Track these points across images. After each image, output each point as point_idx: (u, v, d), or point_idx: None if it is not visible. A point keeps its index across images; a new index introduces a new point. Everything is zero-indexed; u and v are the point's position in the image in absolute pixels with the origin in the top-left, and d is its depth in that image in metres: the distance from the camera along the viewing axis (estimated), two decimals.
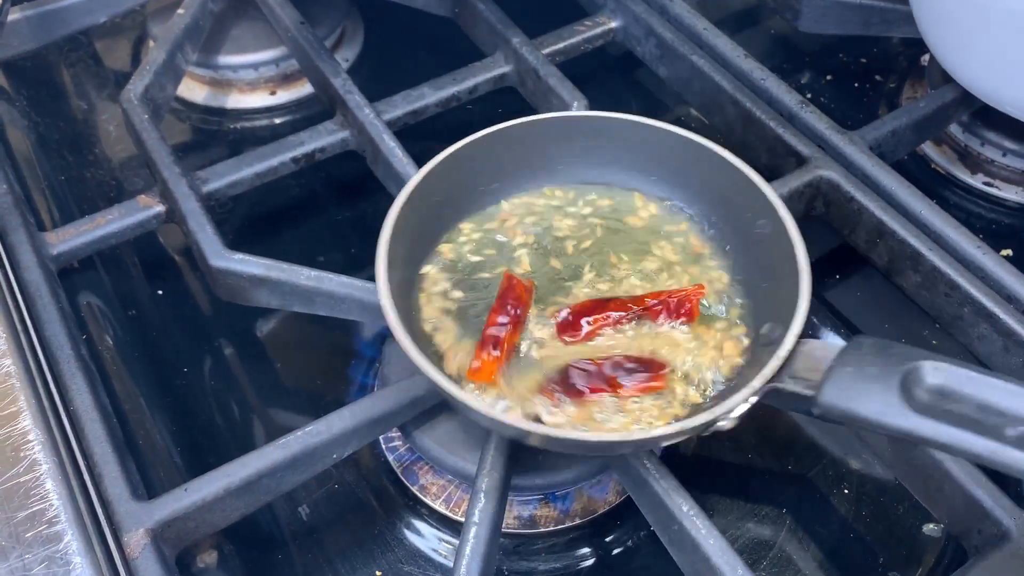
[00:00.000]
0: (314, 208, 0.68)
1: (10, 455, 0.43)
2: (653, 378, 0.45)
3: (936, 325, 0.56)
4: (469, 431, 0.49)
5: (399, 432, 0.52)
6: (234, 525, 0.46)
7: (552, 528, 0.50)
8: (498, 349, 0.45)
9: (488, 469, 0.44)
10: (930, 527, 0.50)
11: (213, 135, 0.74)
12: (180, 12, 0.69)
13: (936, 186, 0.68)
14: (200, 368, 0.58)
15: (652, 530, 0.45)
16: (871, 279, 0.60)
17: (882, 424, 0.37)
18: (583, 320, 0.46)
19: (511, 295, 0.47)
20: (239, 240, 0.61)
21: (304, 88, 0.75)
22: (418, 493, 0.51)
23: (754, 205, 0.48)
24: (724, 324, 0.47)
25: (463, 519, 0.44)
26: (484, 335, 0.45)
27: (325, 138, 0.63)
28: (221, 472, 0.45)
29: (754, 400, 0.41)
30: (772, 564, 0.49)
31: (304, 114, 0.74)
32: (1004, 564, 0.43)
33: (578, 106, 0.61)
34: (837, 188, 0.58)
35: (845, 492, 0.52)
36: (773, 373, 0.41)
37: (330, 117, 0.64)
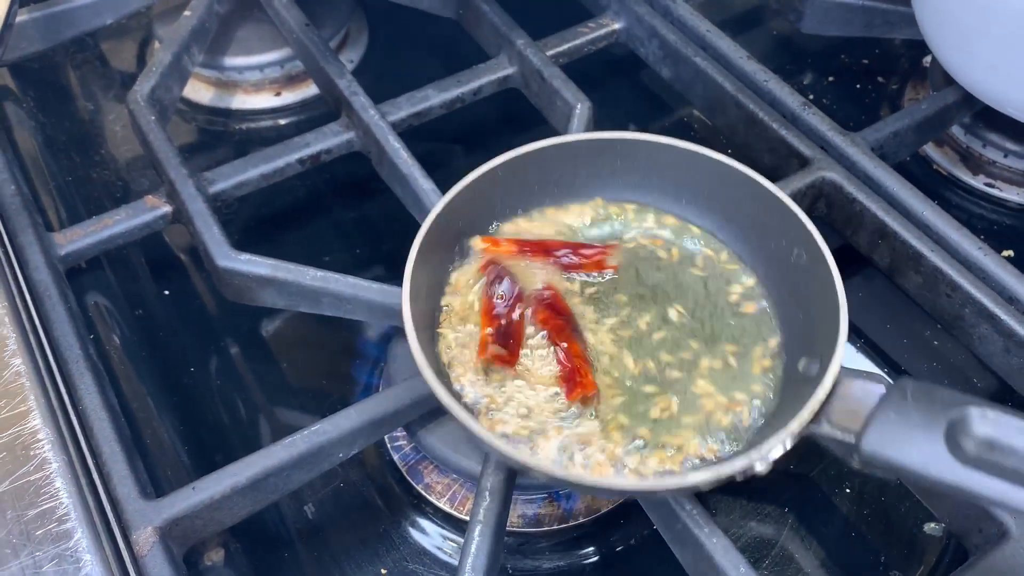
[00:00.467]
0: (320, 209, 0.69)
1: (20, 454, 0.43)
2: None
3: (937, 326, 0.56)
4: None
5: (404, 431, 0.53)
6: (241, 523, 0.46)
7: (556, 527, 0.50)
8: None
9: (493, 468, 0.45)
10: (931, 526, 0.50)
11: (219, 136, 0.74)
12: (186, 14, 0.69)
13: (938, 187, 0.68)
14: (207, 368, 0.59)
15: (655, 529, 0.45)
16: (873, 280, 0.61)
17: (928, 477, 0.35)
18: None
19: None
20: (245, 241, 0.61)
21: (309, 89, 0.75)
22: (423, 492, 0.52)
23: (789, 233, 0.46)
24: (759, 351, 0.46)
25: (468, 518, 0.44)
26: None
27: (330, 139, 0.63)
28: (228, 471, 0.45)
29: (790, 444, 0.39)
30: (774, 563, 0.50)
31: (309, 115, 0.75)
32: (1004, 563, 0.43)
33: (582, 108, 0.62)
34: (839, 189, 0.58)
35: (847, 491, 0.52)
36: (812, 416, 0.38)
37: (335, 118, 0.65)
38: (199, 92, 0.75)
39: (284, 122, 0.75)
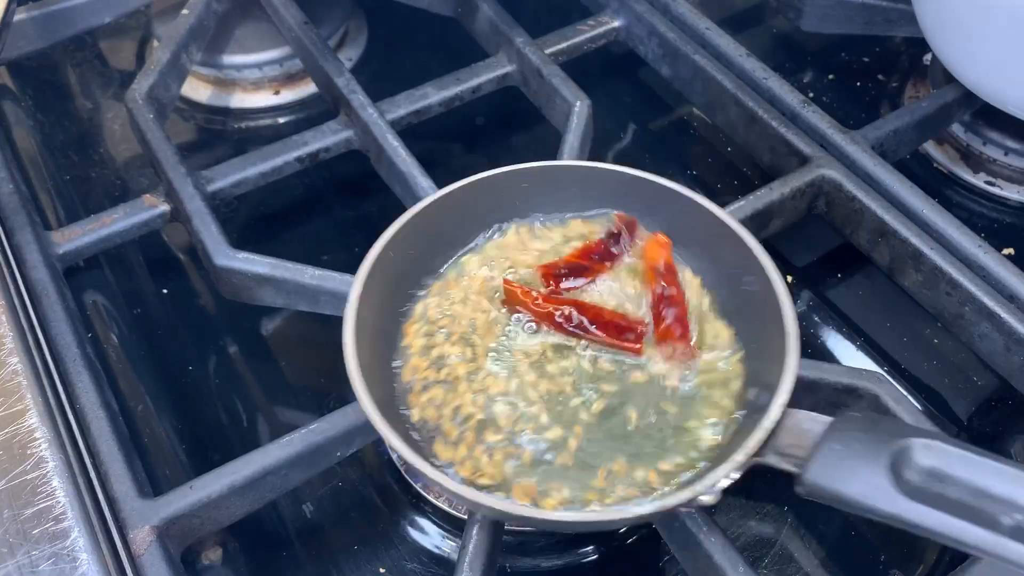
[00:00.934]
0: (318, 207, 0.69)
1: (17, 452, 0.43)
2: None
3: (938, 324, 0.56)
4: None
5: None
6: (239, 522, 0.46)
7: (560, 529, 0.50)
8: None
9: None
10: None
11: (217, 135, 0.74)
12: (184, 12, 0.69)
13: (938, 185, 0.68)
14: (205, 366, 0.59)
15: (654, 528, 0.45)
16: (873, 278, 0.61)
17: (870, 508, 0.35)
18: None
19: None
20: (244, 239, 0.61)
21: (308, 88, 0.75)
22: (421, 491, 0.52)
23: (741, 260, 0.45)
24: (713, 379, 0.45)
25: (466, 516, 0.44)
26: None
27: (329, 138, 0.63)
28: (226, 470, 0.45)
29: (737, 475, 0.39)
30: (773, 562, 0.50)
31: (308, 114, 0.75)
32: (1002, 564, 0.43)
33: (581, 106, 0.61)
34: (839, 187, 0.58)
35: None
36: (757, 447, 0.38)
37: (334, 117, 0.65)
38: (198, 91, 0.75)
39: (283, 121, 0.75)
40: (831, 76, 0.76)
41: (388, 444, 0.40)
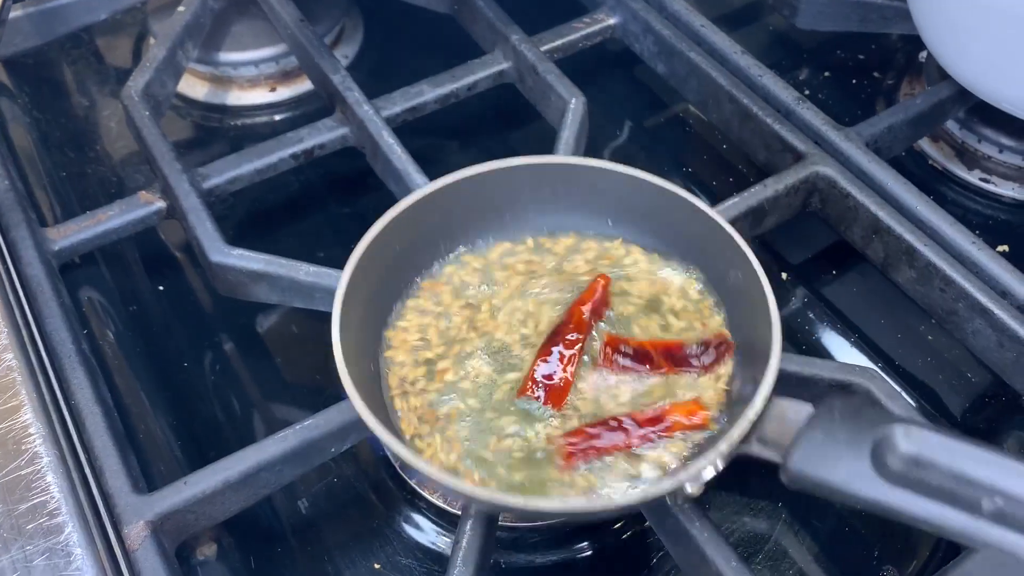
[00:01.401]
0: (314, 204, 0.69)
1: (12, 448, 0.43)
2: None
3: (931, 320, 0.56)
4: None
5: None
6: (233, 518, 0.46)
7: (549, 521, 0.50)
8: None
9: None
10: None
11: (213, 132, 0.74)
12: (181, 9, 0.69)
13: (933, 182, 0.68)
14: (200, 363, 0.59)
15: (648, 524, 0.45)
16: (867, 275, 0.61)
17: (852, 494, 0.36)
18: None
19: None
20: (239, 236, 0.61)
21: (304, 85, 0.75)
22: (416, 487, 0.52)
23: (726, 254, 0.46)
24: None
25: (460, 512, 0.44)
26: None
27: (324, 135, 0.63)
28: (220, 465, 0.45)
29: (722, 465, 0.39)
30: (767, 558, 0.50)
31: (304, 111, 0.75)
32: (997, 557, 0.43)
33: (576, 103, 0.62)
34: (833, 184, 0.58)
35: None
36: (742, 436, 0.39)
37: (329, 114, 0.65)
38: (194, 88, 0.75)
39: (279, 118, 0.75)
40: (826, 73, 0.76)
41: (382, 442, 0.40)
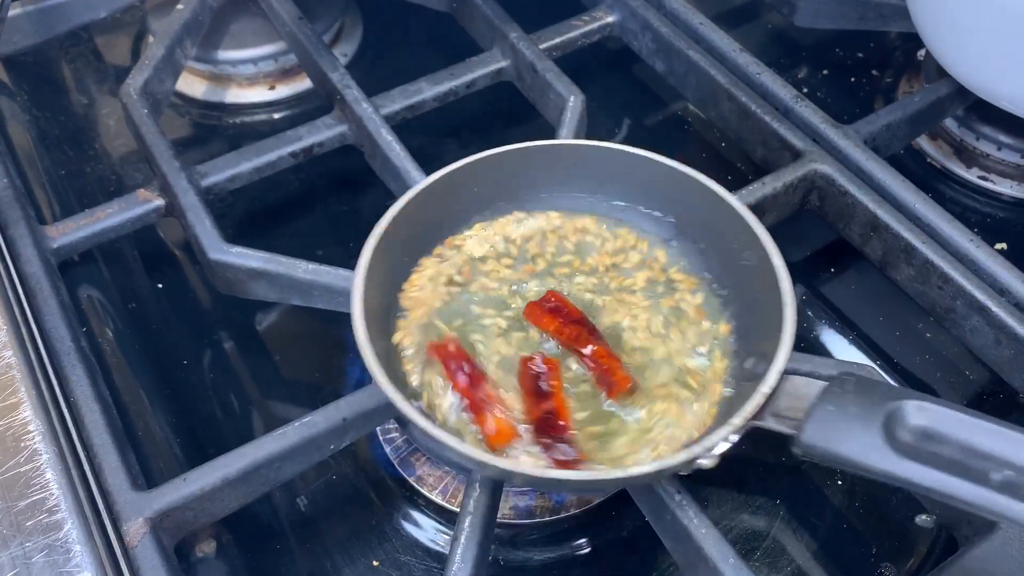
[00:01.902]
0: (312, 202, 0.69)
1: (11, 445, 0.43)
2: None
3: (929, 318, 0.57)
4: None
5: (396, 424, 0.53)
6: (232, 515, 0.46)
7: (547, 518, 0.50)
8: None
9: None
10: (922, 518, 0.50)
11: (212, 130, 0.74)
12: (179, 7, 0.69)
13: (931, 180, 0.68)
14: (199, 360, 0.59)
15: (646, 521, 0.46)
16: (865, 273, 0.61)
17: (864, 465, 0.36)
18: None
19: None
20: (238, 234, 0.61)
21: (303, 83, 0.75)
22: (415, 484, 0.52)
23: (740, 236, 0.46)
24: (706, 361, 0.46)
25: (459, 509, 0.44)
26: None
27: (323, 133, 0.63)
28: (219, 462, 0.45)
29: (735, 438, 0.40)
30: (765, 555, 0.50)
31: (303, 109, 0.75)
32: (993, 553, 0.43)
33: (574, 101, 0.62)
34: (832, 182, 0.58)
35: (838, 483, 0.52)
36: (755, 411, 0.39)
37: (328, 112, 0.65)
38: (192, 86, 0.75)
39: (278, 116, 0.75)
40: (825, 71, 0.76)
41: (402, 412, 0.40)
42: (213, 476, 0.45)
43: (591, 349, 0.45)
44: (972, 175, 0.67)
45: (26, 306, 0.51)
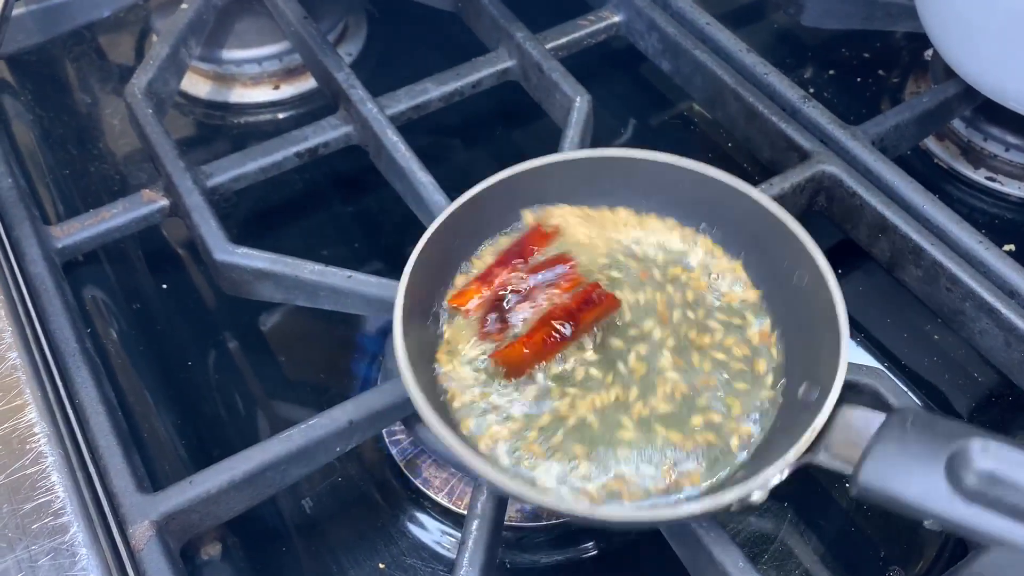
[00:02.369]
0: (318, 203, 0.68)
1: (16, 447, 0.43)
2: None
3: (938, 320, 0.56)
4: None
5: (402, 426, 0.53)
6: (238, 518, 0.46)
7: (555, 521, 0.50)
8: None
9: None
10: (930, 522, 0.50)
11: (216, 130, 0.74)
12: (184, 7, 0.69)
13: (938, 181, 0.68)
14: (204, 362, 0.59)
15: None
16: (873, 274, 0.61)
17: (927, 511, 0.35)
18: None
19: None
20: (243, 234, 0.60)
21: (307, 83, 0.75)
22: (421, 486, 0.52)
23: (792, 254, 0.45)
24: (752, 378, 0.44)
25: (466, 512, 0.44)
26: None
27: (328, 133, 0.63)
28: (225, 465, 0.45)
29: (787, 473, 0.38)
30: (773, 558, 0.50)
31: (307, 109, 0.74)
32: (1004, 559, 0.43)
33: (581, 101, 0.61)
34: (839, 183, 0.58)
35: (846, 486, 0.52)
36: (808, 444, 0.38)
37: (333, 112, 0.64)
38: (197, 86, 0.75)
39: (282, 116, 0.74)
40: (831, 72, 0.76)
41: (444, 442, 0.39)
42: (219, 478, 0.44)
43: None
44: (979, 176, 0.67)
45: (30, 307, 0.51)
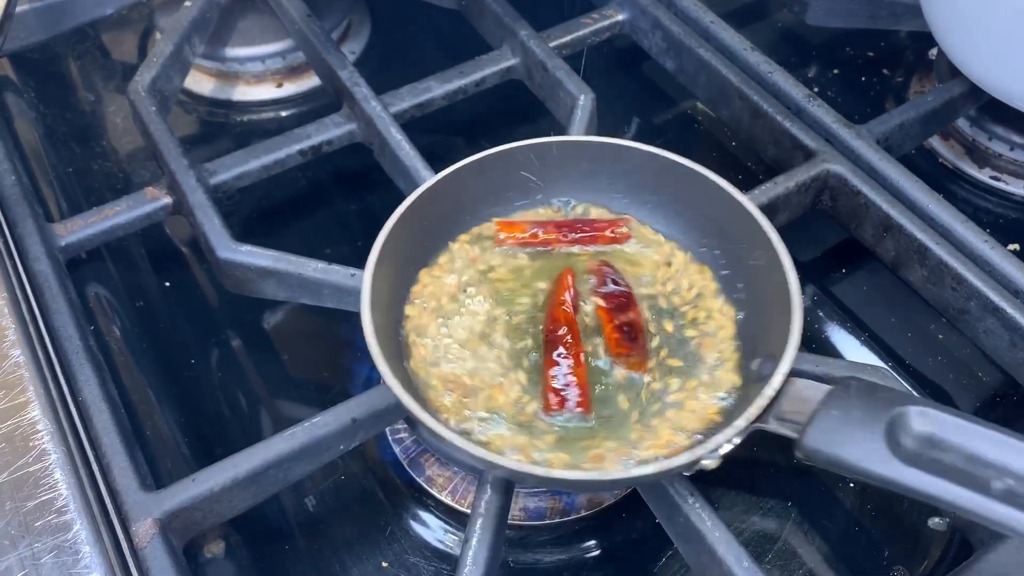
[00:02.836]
0: (321, 200, 0.68)
1: (19, 445, 0.43)
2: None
3: (942, 320, 0.56)
4: None
5: (405, 424, 0.53)
6: (241, 516, 0.46)
7: (558, 520, 0.50)
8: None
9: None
10: (935, 521, 0.50)
11: (220, 127, 0.74)
12: (187, 4, 0.69)
13: (943, 180, 0.67)
14: (207, 360, 0.59)
15: (657, 523, 0.45)
16: (877, 273, 0.60)
17: (866, 471, 0.36)
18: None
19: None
20: (246, 232, 0.61)
21: (311, 80, 0.75)
22: (424, 484, 0.51)
23: (750, 236, 0.46)
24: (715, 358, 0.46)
25: (469, 510, 0.44)
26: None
27: (332, 131, 0.63)
28: (228, 463, 0.45)
29: (738, 440, 0.40)
30: (777, 557, 0.50)
31: (311, 106, 0.74)
32: (1010, 558, 0.43)
33: (585, 99, 0.61)
34: (844, 182, 0.57)
35: (850, 486, 0.52)
36: (759, 413, 0.40)
37: (337, 110, 0.64)
38: (200, 83, 0.75)
39: (286, 114, 0.74)
40: (836, 70, 0.76)
41: (411, 414, 0.41)
42: (222, 476, 0.44)
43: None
44: (984, 175, 0.67)
45: (34, 304, 0.51)
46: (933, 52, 0.74)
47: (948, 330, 0.57)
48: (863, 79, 0.75)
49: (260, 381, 0.58)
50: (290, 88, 0.75)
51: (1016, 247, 0.61)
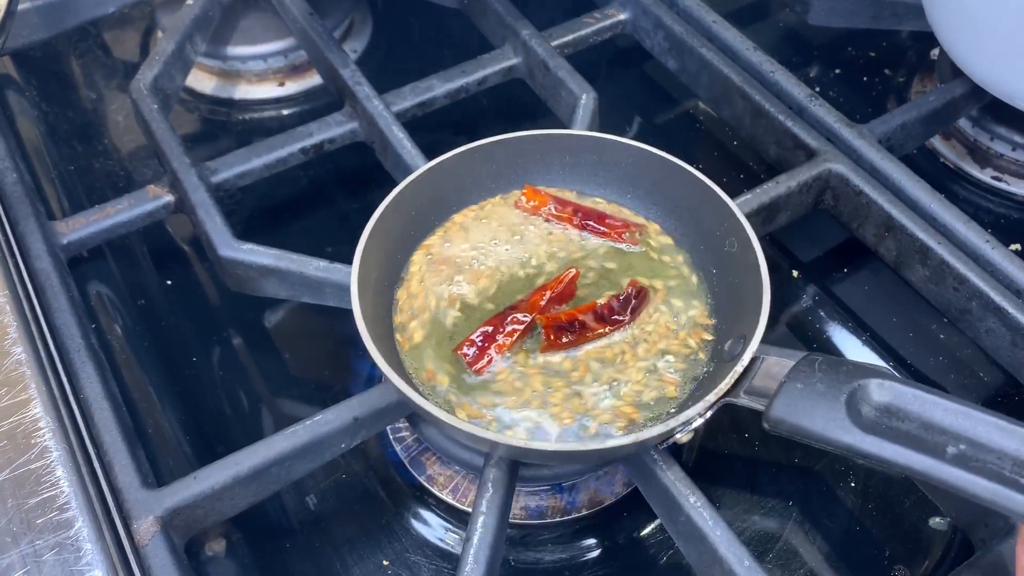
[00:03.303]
0: (323, 199, 0.68)
1: (21, 442, 0.43)
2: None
3: (944, 319, 0.56)
4: None
5: (406, 423, 0.53)
6: (242, 514, 0.46)
7: (559, 519, 0.50)
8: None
9: (496, 460, 0.45)
10: (936, 520, 0.50)
11: (222, 126, 0.74)
12: (189, 3, 0.69)
13: (945, 180, 0.67)
14: (209, 358, 0.59)
15: (658, 522, 0.45)
16: (879, 273, 0.60)
17: (827, 439, 0.38)
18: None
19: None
20: (248, 230, 0.61)
21: (313, 79, 0.75)
22: (425, 483, 0.52)
23: (723, 223, 0.49)
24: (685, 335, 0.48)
25: (470, 509, 0.44)
26: None
27: (334, 129, 0.63)
28: (230, 461, 0.45)
29: (709, 414, 0.42)
30: (778, 556, 0.50)
31: (313, 105, 0.74)
32: (1011, 557, 0.43)
33: (587, 98, 0.61)
34: (846, 181, 0.57)
35: (851, 485, 0.52)
36: (728, 388, 0.42)
37: (339, 108, 0.64)
38: (202, 82, 0.75)
39: (287, 112, 0.74)
40: (838, 70, 0.76)
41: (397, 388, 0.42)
42: (223, 474, 0.44)
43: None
44: (986, 175, 0.67)
45: (36, 302, 0.51)
46: (935, 52, 0.74)
47: (949, 330, 0.57)
48: (865, 79, 0.75)
49: (261, 379, 0.58)
50: (292, 87, 0.75)
51: (1018, 247, 0.61)
